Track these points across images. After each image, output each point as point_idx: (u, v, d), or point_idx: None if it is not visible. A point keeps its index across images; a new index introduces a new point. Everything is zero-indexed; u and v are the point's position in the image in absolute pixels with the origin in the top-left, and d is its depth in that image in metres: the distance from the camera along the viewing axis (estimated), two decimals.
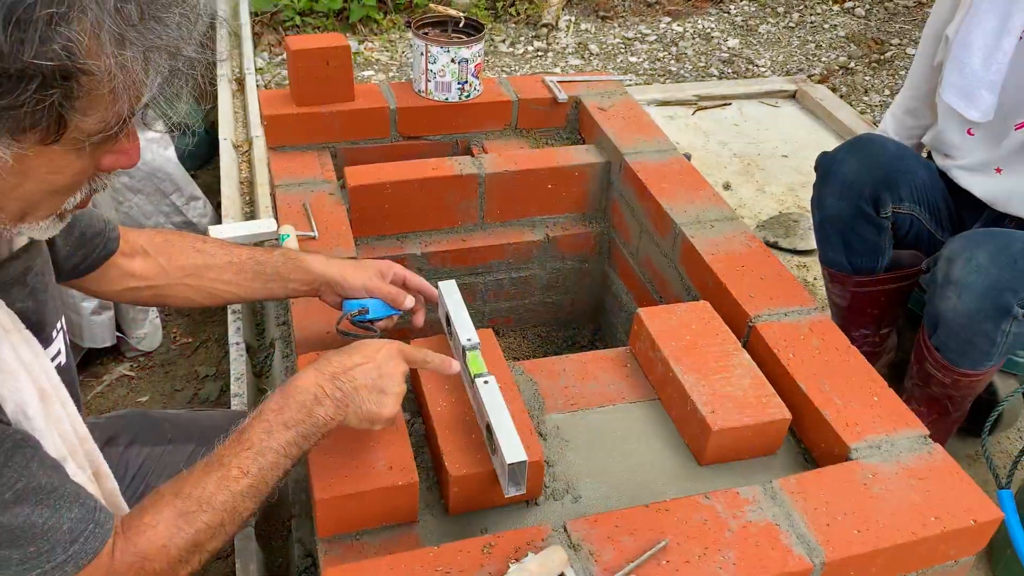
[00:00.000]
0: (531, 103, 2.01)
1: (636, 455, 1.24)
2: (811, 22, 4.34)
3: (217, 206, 2.54)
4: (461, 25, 1.98)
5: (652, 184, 1.71)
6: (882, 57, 3.97)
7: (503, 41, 4.00)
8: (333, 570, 0.96)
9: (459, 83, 1.92)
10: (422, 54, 1.90)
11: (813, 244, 2.59)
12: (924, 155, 1.90)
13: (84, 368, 2.20)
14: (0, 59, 0.62)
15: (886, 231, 1.75)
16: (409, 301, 1.26)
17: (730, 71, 3.83)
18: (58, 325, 1.01)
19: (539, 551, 0.97)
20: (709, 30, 4.21)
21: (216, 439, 1.40)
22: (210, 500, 0.88)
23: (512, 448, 1.05)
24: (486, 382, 1.15)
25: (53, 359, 0.98)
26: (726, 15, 4.39)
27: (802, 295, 1.44)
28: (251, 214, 2.54)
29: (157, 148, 2.27)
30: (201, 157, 2.96)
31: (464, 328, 1.24)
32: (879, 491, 1.10)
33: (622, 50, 3.99)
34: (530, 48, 3.95)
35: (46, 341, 0.97)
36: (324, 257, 1.27)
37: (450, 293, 1.29)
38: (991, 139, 1.67)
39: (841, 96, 3.54)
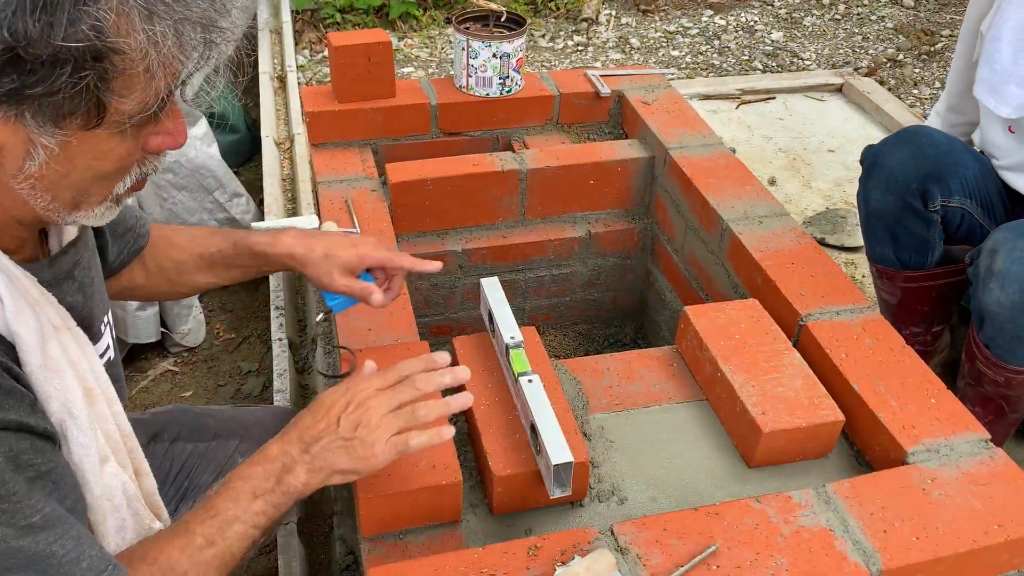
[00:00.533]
0: (573, 97, 1.99)
1: (683, 457, 1.22)
2: (858, 14, 4.24)
3: (260, 203, 2.55)
4: (502, 20, 1.96)
5: (698, 179, 1.68)
6: (932, 49, 3.86)
7: (543, 36, 3.97)
8: (377, 570, 0.95)
9: (500, 78, 1.90)
10: (463, 49, 1.89)
11: (861, 240, 2.53)
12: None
13: (129, 363, 2.22)
14: (31, 45, 0.62)
15: (935, 225, 1.70)
16: (376, 298, 1.15)
17: (774, 65, 3.75)
18: (105, 319, 1.01)
19: (585, 554, 0.95)
20: (752, 23, 4.14)
21: (259, 436, 1.40)
22: (174, 568, 0.85)
23: (557, 449, 1.03)
24: (530, 381, 1.13)
25: (102, 355, 0.98)
26: (770, 7, 4.30)
27: (854, 293, 1.39)
28: (293, 211, 2.55)
29: (201, 145, 2.28)
30: (243, 154, 2.98)
31: (507, 326, 1.22)
32: (938, 497, 1.06)
33: (664, 44, 3.94)
34: (570, 43, 3.91)
35: (95, 336, 0.97)
36: (299, 244, 1.15)
37: (492, 290, 1.28)
38: None
39: (889, 89, 3.46)
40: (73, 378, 0.84)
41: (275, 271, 1.23)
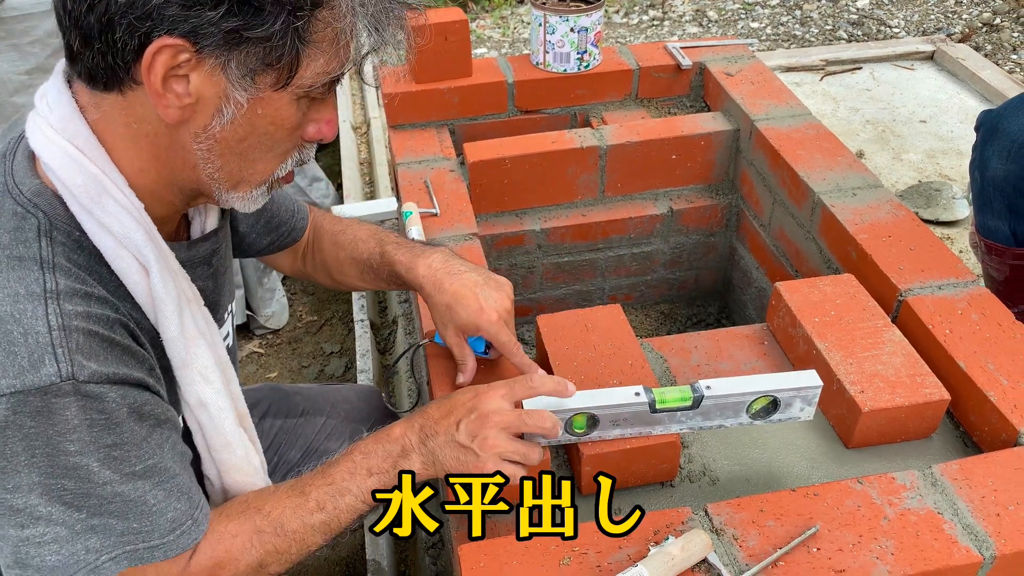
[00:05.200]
0: (653, 71, 1.94)
1: (777, 437, 1.18)
2: None
3: (338, 187, 2.58)
4: None
5: (786, 151, 1.62)
6: None
7: (617, 12, 3.91)
8: (467, 546, 0.94)
9: (578, 53, 1.87)
10: (540, 25, 1.86)
11: (957, 214, 2.41)
12: None
13: None
14: None
15: None
16: (459, 379, 1.10)
17: (860, 34, 3.61)
18: (229, 307, 1.05)
19: (679, 534, 0.92)
20: None
21: (345, 412, 1.42)
22: (284, 525, 0.88)
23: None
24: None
25: (223, 340, 1.02)
26: None
27: (958, 267, 1.32)
28: (371, 194, 2.57)
29: None
30: None
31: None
32: None
33: (742, 16, 3.82)
34: (645, 18, 3.84)
35: (219, 322, 1.01)
36: (429, 281, 1.09)
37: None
38: None
39: (985, 55, 3.28)
40: (206, 347, 0.89)
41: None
